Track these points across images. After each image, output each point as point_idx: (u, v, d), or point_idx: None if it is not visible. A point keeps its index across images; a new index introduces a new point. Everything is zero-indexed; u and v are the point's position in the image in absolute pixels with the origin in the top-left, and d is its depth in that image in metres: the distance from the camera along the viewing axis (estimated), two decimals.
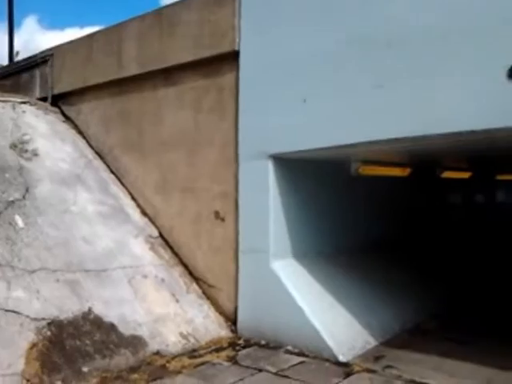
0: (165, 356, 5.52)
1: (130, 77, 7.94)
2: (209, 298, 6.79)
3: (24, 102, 8.78)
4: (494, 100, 4.54)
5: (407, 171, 8.55)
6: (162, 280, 6.62)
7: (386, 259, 7.75)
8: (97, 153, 8.59)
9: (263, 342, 6.15)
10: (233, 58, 6.53)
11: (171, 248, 7.34)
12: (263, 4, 6.31)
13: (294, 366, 5.47)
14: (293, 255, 6.55)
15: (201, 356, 5.67)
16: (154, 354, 5.48)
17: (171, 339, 5.78)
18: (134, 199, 7.98)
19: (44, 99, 9.39)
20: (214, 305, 6.70)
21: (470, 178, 10.51)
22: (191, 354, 5.72)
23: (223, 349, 5.96)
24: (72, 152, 8.18)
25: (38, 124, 8.40)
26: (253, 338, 6.25)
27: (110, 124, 8.50)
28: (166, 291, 6.46)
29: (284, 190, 6.39)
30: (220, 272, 6.78)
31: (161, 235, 7.50)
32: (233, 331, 6.46)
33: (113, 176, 8.26)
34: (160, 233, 7.52)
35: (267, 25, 6.25)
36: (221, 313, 6.65)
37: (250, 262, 6.40)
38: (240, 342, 6.23)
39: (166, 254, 7.19)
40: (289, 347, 5.95)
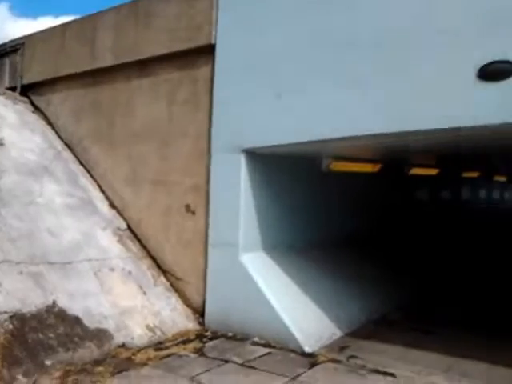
0: (130, 349, 5.49)
1: (103, 68, 7.86)
2: (177, 290, 6.78)
3: None
4: (465, 99, 4.61)
5: (378, 167, 8.67)
6: (129, 272, 6.58)
7: (357, 254, 7.86)
8: (66, 144, 8.47)
9: (230, 334, 6.18)
10: (209, 51, 6.51)
11: (139, 241, 7.30)
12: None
13: (261, 356, 5.51)
14: (263, 248, 6.58)
15: (167, 348, 5.66)
16: (120, 346, 5.45)
17: (137, 332, 5.75)
18: (102, 191, 7.90)
19: (13, 89, 9.22)
20: (181, 297, 6.69)
21: (438, 175, 10.69)
22: (157, 346, 5.70)
23: (190, 341, 5.96)
24: (41, 143, 8.05)
25: (6, 114, 8.24)
26: (220, 330, 6.27)
27: (80, 115, 8.38)
28: (133, 284, 6.43)
29: (256, 184, 6.40)
30: (189, 265, 6.76)
31: (129, 228, 7.44)
32: (200, 324, 6.47)
33: (82, 168, 8.16)
34: (128, 225, 7.47)
35: (244, 19, 6.26)
36: (188, 305, 6.65)
37: (219, 255, 6.41)
38: (207, 334, 6.24)
39: (134, 246, 7.14)
40: (255, 339, 5.99)
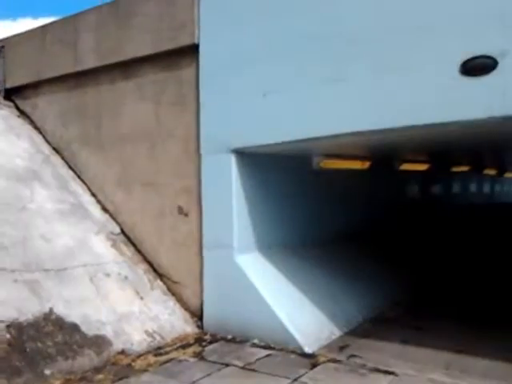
0: (130, 355, 5.42)
1: (87, 70, 7.73)
2: (174, 294, 6.72)
3: None
4: (449, 94, 4.64)
5: (367, 164, 8.74)
6: (125, 277, 6.49)
7: (352, 250, 7.90)
8: (54, 148, 8.33)
9: (230, 337, 6.14)
10: (192, 51, 6.44)
11: (134, 245, 7.22)
12: None
13: (261, 359, 5.48)
14: (258, 249, 6.55)
15: (167, 353, 5.60)
16: (119, 353, 5.38)
17: (136, 338, 5.68)
18: (93, 195, 7.79)
19: None
20: (179, 301, 6.63)
21: (429, 170, 10.79)
22: (157, 351, 5.64)
23: (189, 345, 5.91)
24: (28, 148, 7.91)
25: None
26: (219, 333, 6.23)
27: (67, 118, 8.24)
28: (130, 289, 6.35)
29: (247, 184, 6.37)
30: (184, 268, 6.70)
31: (122, 231, 7.35)
32: (199, 327, 6.42)
33: (71, 172, 8.04)
34: (122, 229, 7.37)
35: (228, 17, 6.19)
36: (186, 309, 6.59)
37: (214, 257, 6.36)
38: (206, 337, 6.20)
39: (128, 250, 7.05)
40: (255, 341, 5.96)
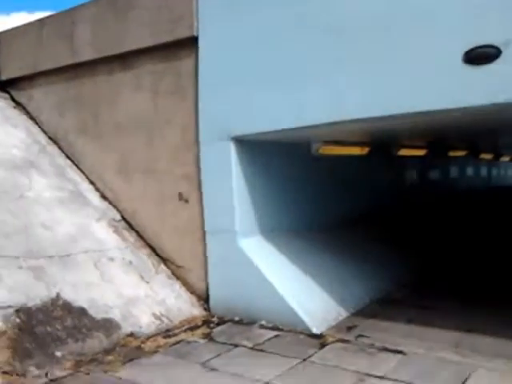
0: (139, 337, 5.40)
1: (84, 62, 7.65)
2: (179, 278, 6.69)
3: None
4: (452, 82, 4.67)
5: (366, 150, 8.75)
6: (130, 262, 6.46)
7: (358, 234, 7.90)
8: (50, 138, 8.25)
9: (237, 319, 6.13)
10: (192, 42, 6.39)
11: (136, 231, 7.17)
12: None
13: (270, 339, 5.48)
14: (261, 233, 6.54)
15: (175, 335, 5.59)
16: (128, 335, 5.35)
17: (144, 320, 5.65)
18: (92, 183, 7.72)
19: None
20: (184, 285, 6.60)
21: (428, 154, 10.86)
22: (166, 333, 5.62)
23: (198, 327, 5.90)
24: (25, 138, 7.82)
25: None
26: (226, 315, 6.22)
27: (63, 109, 8.16)
28: (135, 273, 6.31)
29: (248, 169, 6.36)
30: (188, 253, 6.69)
31: (123, 218, 7.31)
32: (206, 309, 6.40)
33: (68, 161, 7.97)
34: (122, 216, 7.33)
35: (226, 9, 6.15)
36: (192, 292, 6.57)
37: (217, 242, 6.35)
38: (214, 319, 6.19)
39: (130, 236, 7.01)
40: (263, 322, 5.96)
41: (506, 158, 18.00)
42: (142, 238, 7.06)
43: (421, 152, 10.61)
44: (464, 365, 4.65)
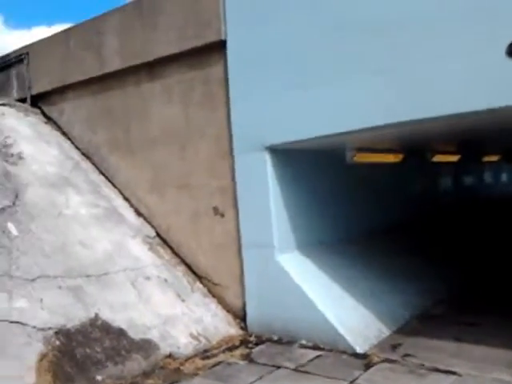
0: (177, 358, 5.31)
1: (112, 72, 7.62)
2: (215, 295, 6.59)
3: (2, 104, 8.41)
4: (495, 79, 4.45)
5: (400, 157, 8.55)
6: (165, 280, 6.39)
7: (390, 245, 7.68)
8: (83, 154, 8.27)
9: (275, 338, 5.99)
10: (220, 47, 6.30)
11: (170, 247, 7.11)
12: None
13: (312, 360, 5.33)
14: (297, 247, 6.40)
15: (214, 356, 5.48)
16: (167, 356, 5.26)
17: (182, 341, 5.56)
18: (126, 199, 7.70)
19: (23, 100, 9.00)
20: (220, 303, 6.50)
21: (459, 161, 10.58)
22: (204, 354, 5.52)
23: (236, 347, 5.78)
24: (58, 154, 7.85)
25: (19, 127, 8.03)
26: (264, 334, 6.08)
27: (94, 123, 8.18)
28: (171, 291, 6.24)
29: (283, 181, 6.22)
30: (224, 269, 6.58)
31: (158, 235, 7.25)
32: (242, 328, 6.28)
33: (102, 177, 7.97)
34: (157, 232, 7.28)
35: (255, 10, 6.01)
36: (228, 310, 6.46)
37: (254, 257, 6.22)
38: (251, 338, 6.05)
39: (165, 253, 6.95)
40: (303, 341, 5.80)
41: None
42: (176, 254, 6.99)
43: (454, 158, 10.34)
44: None
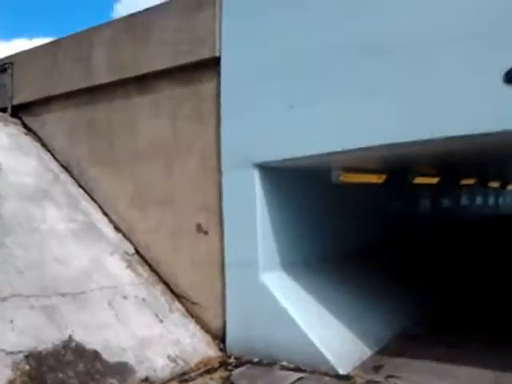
0: (154, 382, 5.12)
1: (100, 85, 7.49)
2: (193, 315, 6.43)
3: None
4: (491, 104, 4.46)
5: (383, 178, 8.53)
6: (143, 300, 6.21)
7: (371, 265, 7.64)
8: (63, 166, 8.08)
9: (256, 360, 5.85)
10: (213, 64, 6.22)
11: (149, 265, 6.94)
12: (245, 7, 6.03)
13: (294, 382, 5.21)
14: (281, 266, 6.29)
15: (192, 379, 5.31)
16: (143, 380, 5.08)
17: (159, 363, 5.38)
18: (105, 214, 7.51)
19: (3, 110, 8.79)
20: (199, 323, 6.33)
21: (438, 183, 10.59)
22: (181, 377, 5.34)
23: (215, 369, 5.61)
24: (37, 166, 7.65)
25: None
26: (244, 355, 5.94)
27: (77, 136, 8.01)
28: (149, 312, 6.06)
29: (270, 199, 6.13)
30: (205, 288, 6.43)
31: (137, 252, 7.08)
32: (222, 350, 6.12)
33: (81, 190, 7.78)
34: (136, 249, 7.10)
35: (250, 29, 5.97)
36: (207, 331, 6.30)
37: (237, 276, 6.09)
38: (231, 360, 5.90)
39: (144, 271, 6.78)
40: (284, 363, 5.67)
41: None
42: (155, 272, 6.82)
43: (433, 180, 10.35)
44: None
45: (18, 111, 8.77)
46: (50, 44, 8.31)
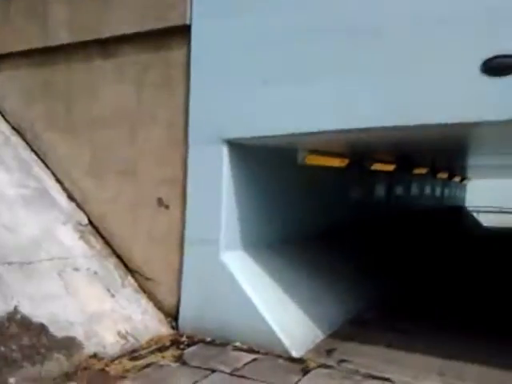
0: (103, 359, 4.92)
1: (58, 46, 7.03)
2: (146, 292, 6.23)
3: None
4: (468, 95, 4.44)
5: (346, 162, 8.56)
6: (95, 273, 5.96)
7: (331, 249, 7.67)
8: (14, 129, 7.60)
9: (209, 339, 5.73)
10: (184, 31, 5.92)
11: (103, 237, 6.66)
12: None
13: (248, 363, 5.11)
14: (243, 247, 6.17)
15: (143, 357, 5.13)
16: (91, 356, 4.87)
17: (109, 339, 5.18)
18: (59, 182, 7.15)
19: None
20: (152, 300, 6.15)
21: (394, 171, 10.74)
22: (132, 355, 5.16)
23: (166, 348, 5.46)
24: None
25: None
26: (196, 334, 5.81)
27: (31, 97, 7.51)
28: (100, 285, 5.83)
29: (237, 176, 5.96)
30: (161, 264, 6.23)
31: (90, 222, 6.78)
32: (173, 328, 5.97)
33: (34, 155, 7.36)
34: (90, 220, 6.80)
35: None
36: (160, 308, 6.12)
37: (196, 254, 5.91)
38: (183, 339, 5.76)
39: (97, 243, 6.50)
40: (237, 344, 5.58)
41: (457, 179, 18.13)
42: (109, 245, 6.55)
43: (390, 167, 10.48)
44: None
45: None
46: None
